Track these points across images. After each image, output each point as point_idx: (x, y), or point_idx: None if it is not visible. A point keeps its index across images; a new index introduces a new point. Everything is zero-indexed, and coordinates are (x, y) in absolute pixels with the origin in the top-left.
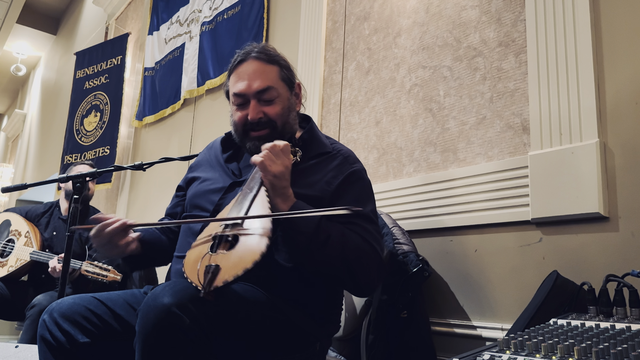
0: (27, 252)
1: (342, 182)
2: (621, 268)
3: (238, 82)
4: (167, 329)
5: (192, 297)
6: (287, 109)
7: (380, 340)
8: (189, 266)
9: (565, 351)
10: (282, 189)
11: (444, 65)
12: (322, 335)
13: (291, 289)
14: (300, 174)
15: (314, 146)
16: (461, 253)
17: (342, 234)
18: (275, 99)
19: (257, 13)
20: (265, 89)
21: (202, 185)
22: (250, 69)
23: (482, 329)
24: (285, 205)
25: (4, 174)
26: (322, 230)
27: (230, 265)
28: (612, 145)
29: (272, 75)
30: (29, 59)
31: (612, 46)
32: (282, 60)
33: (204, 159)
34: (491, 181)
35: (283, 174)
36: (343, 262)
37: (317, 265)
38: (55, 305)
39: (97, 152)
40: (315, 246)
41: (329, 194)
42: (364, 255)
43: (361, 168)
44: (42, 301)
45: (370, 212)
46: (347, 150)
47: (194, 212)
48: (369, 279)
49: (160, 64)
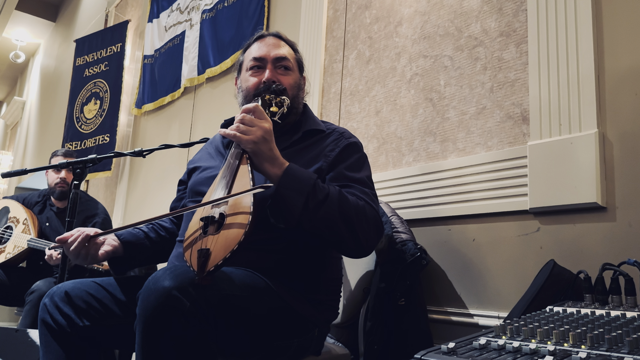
0: (24, 240)
1: (339, 153)
2: (618, 257)
3: (259, 49)
4: (167, 312)
5: (193, 281)
6: (297, 85)
7: (378, 327)
8: (187, 250)
9: (560, 337)
10: (267, 151)
11: (444, 55)
12: (320, 322)
13: (291, 275)
14: (298, 153)
15: (309, 125)
16: (459, 242)
17: (340, 192)
18: (289, 71)
19: (258, 1)
20: (283, 57)
21: (204, 173)
22: (272, 41)
23: (479, 317)
24: (276, 168)
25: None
26: (319, 188)
27: (218, 248)
28: (611, 136)
29: (289, 52)
30: (28, 46)
31: (612, 37)
32: (295, 47)
33: (204, 153)
34: (490, 171)
35: (263, 137)
36: (343, 219)
37: (317, 223)
38: (56, 289)
39: (97, 139)
40: (313, 204)
41: (327, 165)
42: (362, 213)
43: (357, 141)
44: (41, 287)
45: (366, 177)
46: (342, 128)
47: (193, 199)
48: (368, 237)
49: (160, 52)
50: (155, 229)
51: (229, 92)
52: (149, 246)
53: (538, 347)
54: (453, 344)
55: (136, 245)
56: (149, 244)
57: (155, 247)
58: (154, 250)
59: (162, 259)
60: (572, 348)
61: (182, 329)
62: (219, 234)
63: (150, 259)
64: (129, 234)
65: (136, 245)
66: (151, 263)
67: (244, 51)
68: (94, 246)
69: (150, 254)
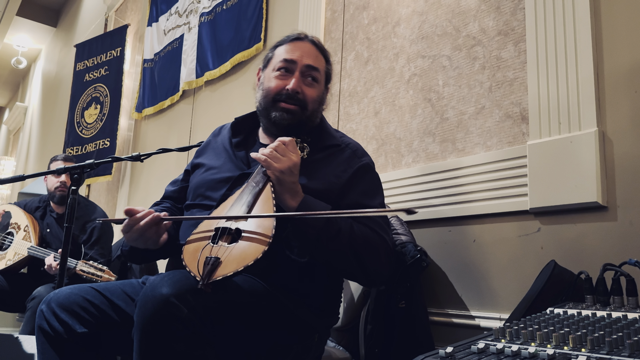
0: (25, 247)
1: (351, 176)
2: (619, 257)
3: (292, 51)
4: (165, 319)
5: (191, 288)
6: (319, 99)
7: (379, 330)
8: (189, 255)
9: (560, 340)
10: (290, 184)
11: (443, 55)
12: (320, 327)
13: (291, 280)
14: (309, 167)
15: (323, 139)
16: (460, 243)
17: (351, 226)
18: (316, 83)
19: (257, 3)
20: (314, 67)
21: (207, 174)
22: (307, 47)
23: (481, 318)
24: (294, 201)
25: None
26: (332, 223)
27: (231, 260)
28: (611, 134)
29: (321, 63)
30: (30, 51)
31: (611, 34)
32: (329, 58)
33: (209, 144)
34: (490, 171)
35: (290, 170)
36: (353, 253)
37: (328, 257)
38: (53, 296)
39: (98, 144)
40: (325, 239)
41: (338, 187)
42: (373, 246)
43: (370, 161)
44: (42, 293)
45: (379, 204)
46: (356, 143)
47: (198, 202)
48: (378, 269)
49: (160, 56)
50: None
51: (228, 95)
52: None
53: (537, 350)
54: (451, 348)
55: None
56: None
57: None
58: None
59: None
60: (572, 351)
61: (180, 336)
62: (234, 247)
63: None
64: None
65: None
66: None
67: (275, 47)
68: (158, 231)
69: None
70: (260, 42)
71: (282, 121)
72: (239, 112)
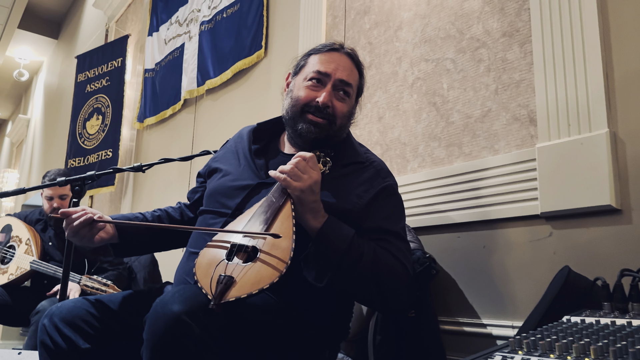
0: (27, 261)
1: (374, 197)
2: (636, 262)
3: (327, 63)
4: (176, 337)
5: (203, 305)
6: (349, 114)
7: (388, 340)
8: (201, 270)
9: (580, 351)
10: (311, 203)
11: (446, 58)
12: (331, 342)
13: (302, 297)
14: (331, 183)
15: (348, 154)
16: (469, 249)
17: (374, 252)
18: (347, 98)
19: (257, 11)
20: (347, 83)
21: (224, 180)
22: (342, 60)
23: (493, 327)
24: (317, 221)
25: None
26: (354, 247)
27: (245, 281)
28: (623, 135)
29: (355, 78)
30: (32, 64)
31: (620, 31)
32: (363, 72)
33: (227, 150)
34: (498, 175)
35: (311, 188)
36: (374, 281)
37: (348, 283)
38: (56, 310)
39: (100, 155)
40: (347, 264)
41: (360, 207)
42: (395, 274)
43: (393, 182)
44: (46, 307)
45: (401, 229)
46: (380, 161)
47: (212, 208)
48: (398, 299)
49: (161, 65)
50: (160, 216)
51: (230, 103)
52: (145, 230)
53: None
54: None
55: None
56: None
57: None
58: (153, 237)
59: (162, 245)
60: None
61: (191, 355)
62: (250, 267)
63: (150, 244)
64: (126, 219)
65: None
66: (154, 249)
67: (309, 54)
68: (92, 231)
69: (149, 237)
70: (261, 50)
71: (309, 134)
72: (241, 120)
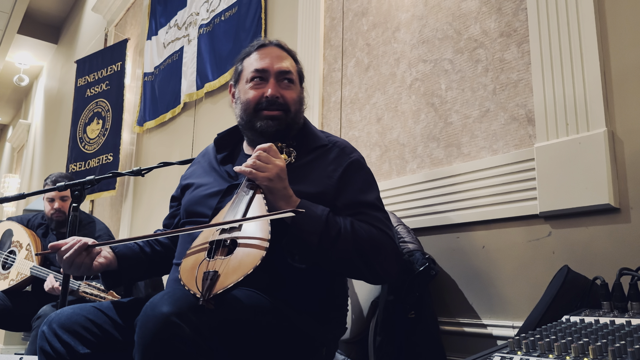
0: (27, 267)
1: (342, 174)
2: (635, 261)
3: (261, 59)
4: (167, 339)
5: (192, 306)
6: (299, 99)
7: (388, 341)
8: (186, 273)
9: (579, 350)
10: (281, 190)
11: (444, 59)
12: (328, 340)
13: (294, 293)
14: (298, 171)
15: (310, 141)
16: (468, 250)
17: (352, 226)
18: (292, 85)
19: (255, 13)
20: (287, 71)
21: (198, 191)
22: (274, 52)
23: (493, 327)
24: (290, 207)
25: (11, 185)
26: (331, 225)
27: (229, 271)
28: (621, 134)
29: (292, 65)
30: (32, 68)
31: (617, 30)
32: (296, 57)
33: (197, 167)
34: (497, 175)
35: (278, 176)
36: (358, 254)
37: (333, 261)
38: (55, 316)
39: (101, 159)
40: (327, 242)
41: (332, 187)
42: (377, 244)
43: (359, 157)
44: (48, 312)
45: (376, 200)
46: (343, 141)
47: (191, 219)
48: (387, 266)
49: (160, 69)
50: (151, 243)
51: (229, 106)
52: (143, 260)
53: None
54: None
55: (131, 259)
56: (144, 258)
57: (151, 261)
58: (148, 265)
59: (156, 274)
60: None
61: (183, 356)
62: (230, 258)
63: (144, 274)
64: (125, 247)
65: (131, 259)
66: (145, 278)
67: (242, 59)
68: (90, 256)
69: (145, 269)
70: None
71: (269, 128)
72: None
